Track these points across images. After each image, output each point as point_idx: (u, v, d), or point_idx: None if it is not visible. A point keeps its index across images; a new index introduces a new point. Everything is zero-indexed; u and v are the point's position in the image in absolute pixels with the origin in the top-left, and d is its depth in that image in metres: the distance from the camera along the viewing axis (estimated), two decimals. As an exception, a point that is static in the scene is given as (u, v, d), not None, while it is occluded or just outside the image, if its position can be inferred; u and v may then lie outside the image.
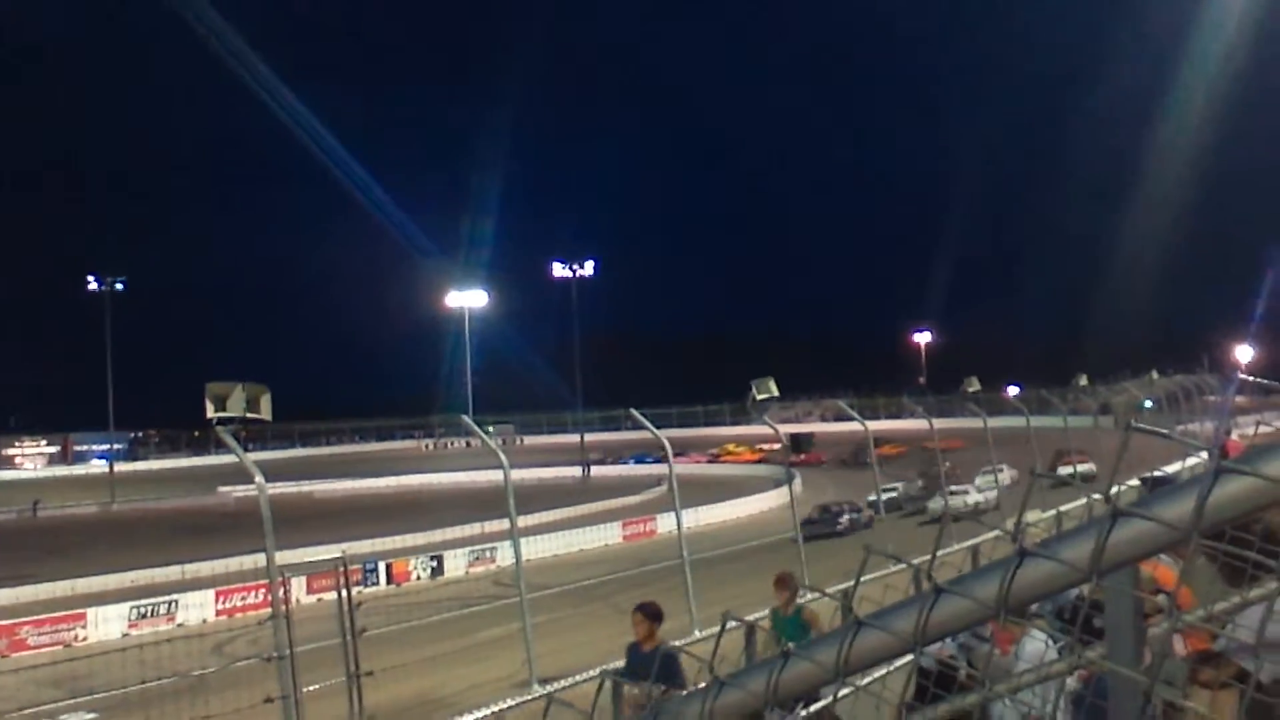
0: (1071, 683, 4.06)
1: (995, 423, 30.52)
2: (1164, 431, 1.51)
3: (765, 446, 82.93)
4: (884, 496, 32.72)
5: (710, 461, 78.40)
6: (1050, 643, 5.41)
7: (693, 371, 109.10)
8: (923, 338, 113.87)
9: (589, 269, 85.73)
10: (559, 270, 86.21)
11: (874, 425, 27.26)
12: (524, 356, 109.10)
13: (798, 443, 63.27)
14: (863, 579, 1.60)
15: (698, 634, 17.70)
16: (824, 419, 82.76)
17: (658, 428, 20.87)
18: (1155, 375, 43.88)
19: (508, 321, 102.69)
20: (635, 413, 21.16)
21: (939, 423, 29.92)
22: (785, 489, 33.17)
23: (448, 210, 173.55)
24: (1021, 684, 4.00)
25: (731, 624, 2.03)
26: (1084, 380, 42.34)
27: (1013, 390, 48.76)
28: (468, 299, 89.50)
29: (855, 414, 28.02)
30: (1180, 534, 1.07)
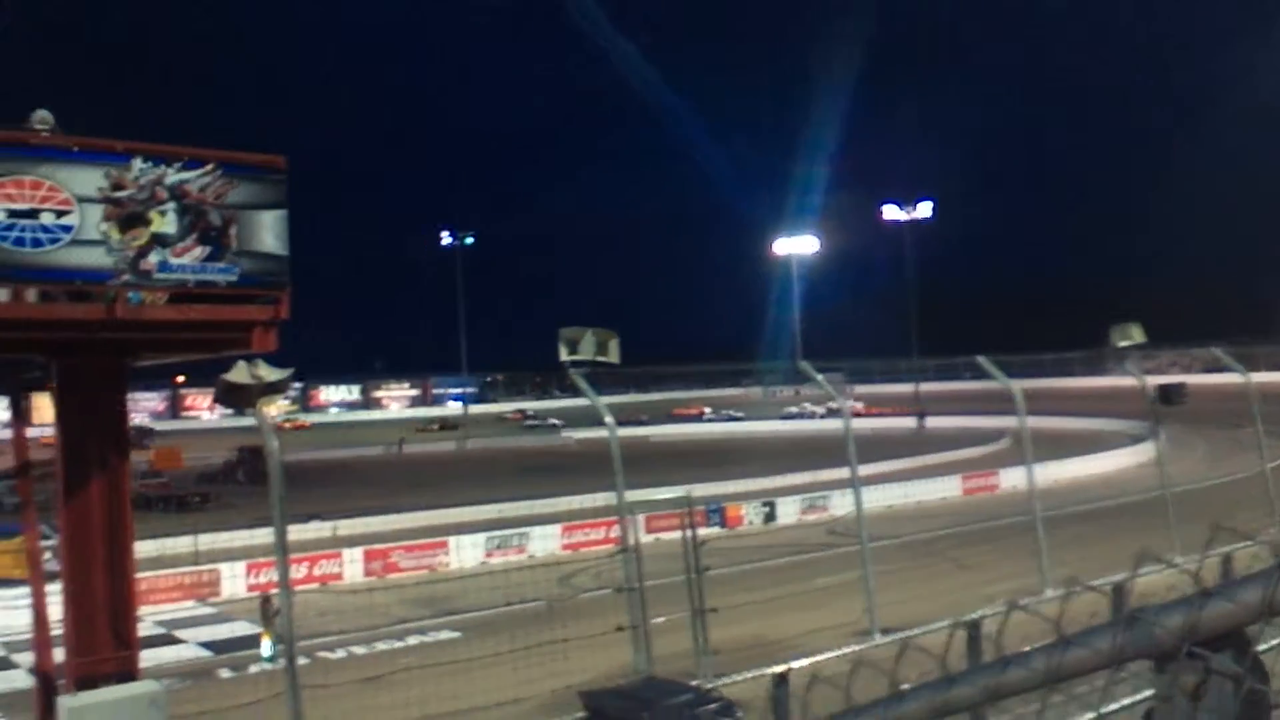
0: None
1: None
2: None
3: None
4: None
5: None
6: None
7: (1036, 318, 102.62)
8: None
9: (924, 211, 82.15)
10: (891, 213, 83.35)
11: (1257, 377, 24.09)
12: (852, 302, 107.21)
13: (1167, 395, 57.68)
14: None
15: (1049, 593, 16.54)
16: (1189, 370, 75.25)
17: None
18: None
19: (836, 265, 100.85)
20: (982, 360, 20.00)
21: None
22: (1147, 445, 30.35)
23: (778, 154, 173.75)
24: None
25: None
26: None
27: None
28: (797, 245, 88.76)
29: (1236, 363, 24.90)
30: None
